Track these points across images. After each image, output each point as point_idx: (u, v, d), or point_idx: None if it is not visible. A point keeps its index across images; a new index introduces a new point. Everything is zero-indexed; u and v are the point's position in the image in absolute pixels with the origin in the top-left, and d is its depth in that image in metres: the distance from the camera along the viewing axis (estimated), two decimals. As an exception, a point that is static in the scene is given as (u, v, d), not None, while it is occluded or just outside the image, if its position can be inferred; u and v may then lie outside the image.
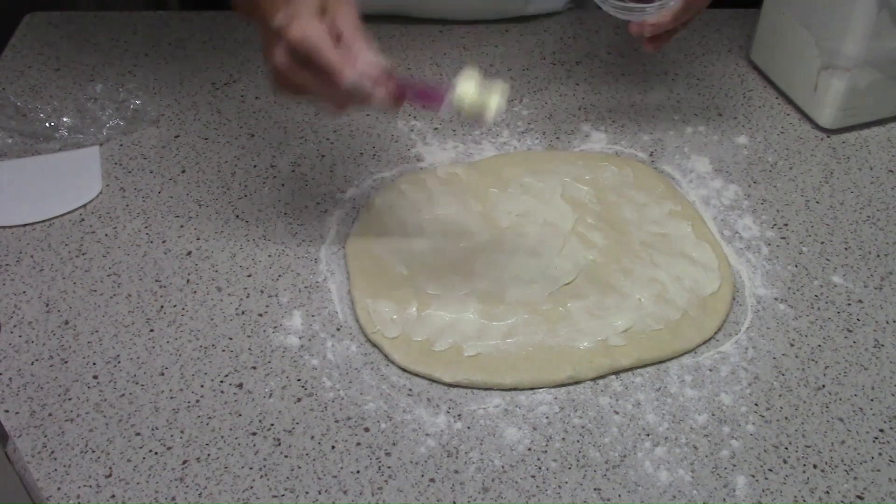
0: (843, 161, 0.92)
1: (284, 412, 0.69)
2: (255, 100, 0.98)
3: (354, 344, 0.73)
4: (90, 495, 0.63)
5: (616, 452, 0.66)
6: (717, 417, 0.69)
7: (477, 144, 0.93)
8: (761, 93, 1.01)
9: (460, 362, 0.71)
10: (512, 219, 0.83)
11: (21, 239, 0.82)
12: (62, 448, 0.66)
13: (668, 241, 0.81)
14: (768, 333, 0.75)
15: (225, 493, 0.64)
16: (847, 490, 0.64)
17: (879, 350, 0.74)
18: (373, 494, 0.64)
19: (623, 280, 0.77)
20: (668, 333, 0.73)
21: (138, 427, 0.68)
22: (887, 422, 0.69)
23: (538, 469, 0.65)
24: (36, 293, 0.77)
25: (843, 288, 0.79)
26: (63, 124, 0.92)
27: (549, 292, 0.76)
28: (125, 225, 0.84)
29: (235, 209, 0.86)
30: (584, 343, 0.72)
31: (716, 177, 0.90)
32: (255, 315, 0.76)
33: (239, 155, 0.92)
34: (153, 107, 0.95)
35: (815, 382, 0.72)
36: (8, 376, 0.71)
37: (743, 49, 1.07)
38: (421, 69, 1.03)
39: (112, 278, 0.79)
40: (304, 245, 0.82)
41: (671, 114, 0.98)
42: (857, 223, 0.85)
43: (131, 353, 0.73)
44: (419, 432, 0.67)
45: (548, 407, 0.69)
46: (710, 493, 0.64)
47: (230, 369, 0.72)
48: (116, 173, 0.89)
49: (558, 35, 1.09)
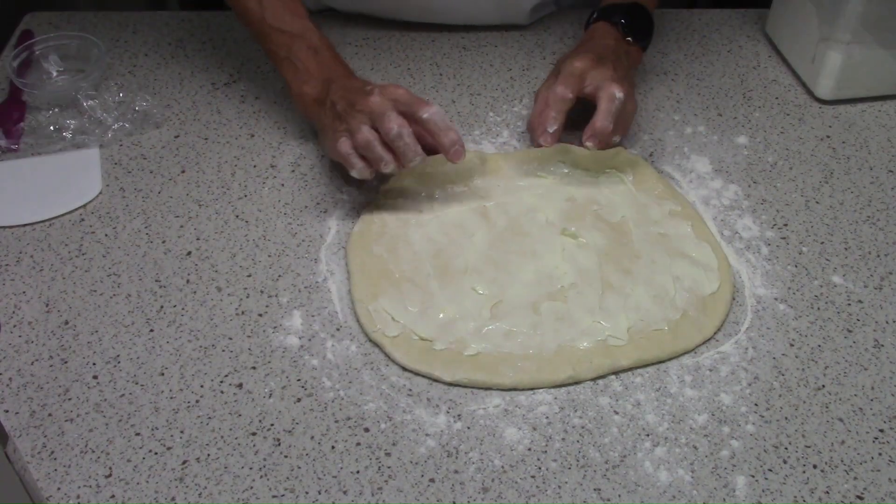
0: (844, 161, 0.92)
1: (284, 412, 0.69)
2: (255, 100, 0.98)
3: (354, 344, 0.73)
4: (90, 495, 0.63)
5: (616, 452, 0.66)
6: (717, 417, 0.69)
7: (477, 144, 0.93)
8: (761, 93, 1.01)
9: (460, 362, 0.71)
10: (512, 218, 0.83)
11: (21, 239, 0.82)
12: (62, 448, 0.66)
13: (667, 241, 0.81)
14: (768, 333, 0.75)
15: (225, 493, 0.64)
16: (847, 490, 0.64)
17: (879, 350, 0.74)
18: (373, 494, 0.64)
19: (623, 280, 0.77)
20: (667, 333, 0.73)
21: (138, 427, 0.68)
22: (887, 422, 0.69)
23: (538, 469, 0.65)
24: (36, 293, 0.77)
25: (843, 288, 0.79)
26: (67, 126, 0.92)
27: (549, 292, 0.76)
28: (125, 225, 0.84)
29: (235, 209, 0.86)
30: (584, 343, 0.72)
31: (716, 177, 0.90)
32: (255, 315, 0.76)
33: (239, 155, 0.92)
34: (159, 110, 0.95)
35: (815, 382, 0.72)
36: (8, 376, 0.71)
37: (743, 49, 1.07)
38: (421, 69, 1.03)
39: (112, 278, 0.79)
40: (304, 245, 0.82)
41: (671, 114, 0.98)
42: (857, 223, 0.85)
43: (131, 353, 0.73)
44: (419, 432, 0.67)
45: (548, 407, 0.69)
46: (710, 493, 0.64)
47: (230, 369, 0.72)
48: (116, 173, 0.89)
49: (558, 35, 1.09)
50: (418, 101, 0.78)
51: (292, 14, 0.88)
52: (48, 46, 0.99)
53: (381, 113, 0.77)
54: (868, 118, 0.98)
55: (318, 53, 0.87)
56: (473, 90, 1.00)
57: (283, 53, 0.87)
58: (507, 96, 0.99)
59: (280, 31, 0.87)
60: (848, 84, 0.98)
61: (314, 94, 0.86)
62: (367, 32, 1.08)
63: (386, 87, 0.79)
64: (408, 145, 0.77)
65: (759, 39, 1.09)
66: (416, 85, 1.01)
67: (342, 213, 0.85)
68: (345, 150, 0.79)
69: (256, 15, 0.88)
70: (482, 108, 0.97)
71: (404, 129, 0.77)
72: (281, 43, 0.87)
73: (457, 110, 0.97)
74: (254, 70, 1.02)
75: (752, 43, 1.09)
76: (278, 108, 0.97)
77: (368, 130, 0.78)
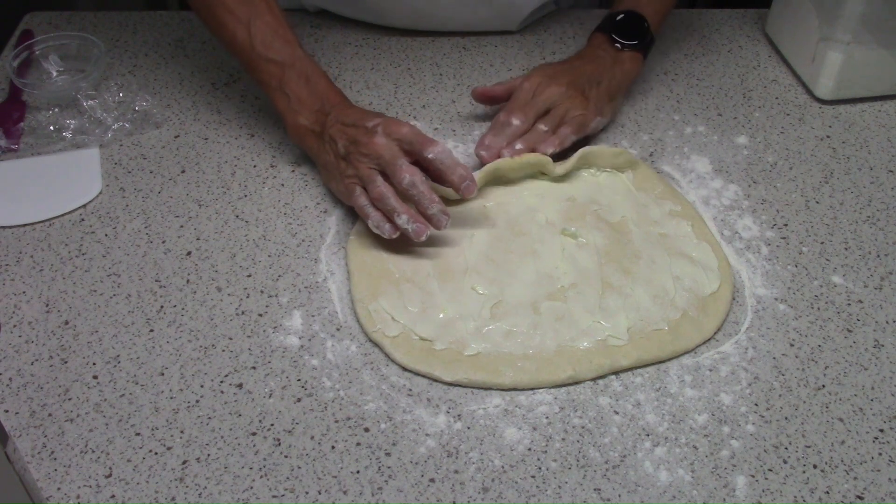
0: (844, 161, 0.92)
1: (284, 412, 0.69)
2: (255, 100, 0.98)
3: (354, 344, 0.73)
4: (90, 495, 0.63)
5: (616, 452, 0.66)
6: (717, 417, 0.69)
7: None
8: (761, 93, 1.01)
9: (460, 362, 0.71)
10: (512, 218, 0.83)
11: (21, 239, 0.82)
12: (62, 448, 0.66)
13: (667, 241, 0.81)
14: (768, 333, 0.75)
15: (225, 493, 0.64)
16: (847, 490, 0.64)
17: (879, 350, 0.74)
18: (373, 494, 0.64)
19: (623, 280, 0.77)
20: (667, 333, 0.73)
21: (138, 427, 0.68)
22: (887, 422, 0.69)
23: (538, 469, 0.65)
24: (36, 293, 0.77)
25: (843, 288, 0.79)
26: (67, 126, 0.92)
27: (549, 292, 0.76)
28: (125, 225, 0.84)
29: (235, 209, 0.86)
30: (584, 343, 0.72)
31: (716, 177, 0.90)
32: (255, 315, 0.76)
33: (239, 155, 0.92)
34: (159, 110, 0.95)
35: (815, 382, 0.72)
36: (8, 376, 0.71)
37: (742, 49, 1.07)
38: (421, 69, 1.03)
39: (112, 278, 0.79)
40: (304, 245, 0.82)
41: (671, 114, 0.98)
42: (857, 223, 0.85)
43: (131, 353, 0.73)
44: (419, 432, 0.67)
45: (548, 407, 0.69)
46: (710, 493, 0.64)
47: (230, 369, 0.72)
48: (116, 173, 0.89)
49: (558, 35, 1.09)
50: (423, 140, 0.78)
51: (283, 41, 0.86)
52: (48, 46, 0.99)
53: (389, 161, 0.77)
54: (868, 118, 0.98)
55: (310, 82, 0.85)
56: (473, 90, 1.00)
57: (275, 84, 0.85)
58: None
59: (270, 60, 0.85)
60: (848, 84, 0.98)
61: (308, 124, 0.85)
62: (368, 33, 1.08)
63: (389, 124, 0.78)
64: (423, 193, 0.76)
65: (759, 39, 1.09)
66: (416, 85, 1.01)
67: (342, 213, 0.85)
68: (361, 202, 0.78)
69: (245, 44, 0.86)
70: (482, 108, 0.97)
71: (416, 178, 0.77)
72: (272, 73, 0.85)
73: (457, 110, 0.97)
74: (254, 70, 1.02)
75: (752, 43, 1.09)
76: (278, 108, 0.97)
77: (382, 183, 0.77)
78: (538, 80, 0.90)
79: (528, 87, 0.89)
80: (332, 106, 0.84)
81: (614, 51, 0.94)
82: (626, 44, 0.94)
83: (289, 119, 0.86)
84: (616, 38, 0.94)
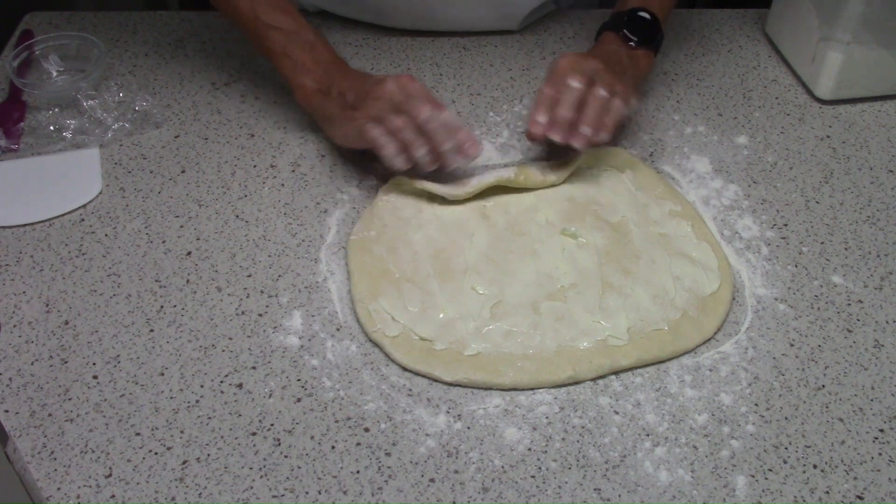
0: (844, 161, 0.92)
1: (284, 412, 0.69)
2: (255, 100, 0.98)
3: (354, 344, 0.73)
4: (90, 495, 0.63)
5: (616, 452, 0.66)
6: (717, 417, 0.69)
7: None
8: (761, 93, 1.01)
9: (460, 362, 0.71)
10: (512, 218, 0.83)
11: (21, 239, 0.82)
12: (62, 448, 0.66)
13: (667, 241, 0.81)
14: (768, 333, 0.75)
15: (225, 493, 0.64)
16: (847, 490, 0.64)
17: (879, 350, 0.74)
18: (373, 494, 0.64)
19: (623, 280, 0.77)
20: (667, 333, 0.73)
21: (138, 427, 0.68)
22: (887, 422, 0.69)
23: (538, 469, 0.65)
24: (36, 293, 0.77)
25: (843, 288, 0.79)
26: (67, 126, 0.92)
27: (549, 292, 0.76)
28: (125, 225, 0.84)
29: (235, 209, 0.86)
30: (584, 343, 0.72)
31: (715, 177, 0.90)
32: (255, 315, 0.76)
33: (239, 155, 0.92)
34: (159, 110, 0.95)
35: (815, 382, 0.72)
36: (8, 376, 0.71)
37: (742, 49, 1.07)
38: (421, 69, 1.03)
39: (112, 278, 0.79)
40: (304, 245, 0.82)
41: (671, 114, 0.98)
42: (857, 223, 0.85)
43: (131, 353, 0.73)
44: (419, 432, 0.67)
45: (548, 407, 0.69)
46: (710, 493, 0.64)
47: (230, 369, 0.72)
48: (116, 173, 0.89)
49: (558, 35, 1.09)
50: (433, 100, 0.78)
51: (284, 12, 0.88)
52: (48, 46, 0.99)
53: (405, 99, 0.77)
54: (868, 118, 0.98)
55: (315, 49, 0.87)
56: (473, 90, 1.00)
57: (280, 49, 0.87)
58: (507, 96, 0.99)
59: (275, 28, 0.87)
60: (848, 84, 0.98)
61: (315, 85, 0.86)
62: (367, 33, 1.08)
63: (399, 77, 0.79)
64: (439, 129, 0.77)
65: (759, 39, 1.09)
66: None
67: (342, 213, 0.85)
68: (375, 133, 0.78)
69: (248, 14, 0.88)
70: (482, 108, 0.97)
71: (436, 112, 0.77)
72: (276, 39, 0.87)
73: (457, 110, 0.97)
74: (254, 70, 1.02)
75: (752, 43, 1.09)
76: (278, 108, 0.97)
77: (398, 117, 0.77)
78: (573, 57, 0.85)
79: (565, 62, 0.84)
80: (337, 69, 0.86)
81: (628, 48, 0.92)
82: (639, 42, 0.93)
83: (294, 80, 0.88)
84: (629, 35, 0.93)
